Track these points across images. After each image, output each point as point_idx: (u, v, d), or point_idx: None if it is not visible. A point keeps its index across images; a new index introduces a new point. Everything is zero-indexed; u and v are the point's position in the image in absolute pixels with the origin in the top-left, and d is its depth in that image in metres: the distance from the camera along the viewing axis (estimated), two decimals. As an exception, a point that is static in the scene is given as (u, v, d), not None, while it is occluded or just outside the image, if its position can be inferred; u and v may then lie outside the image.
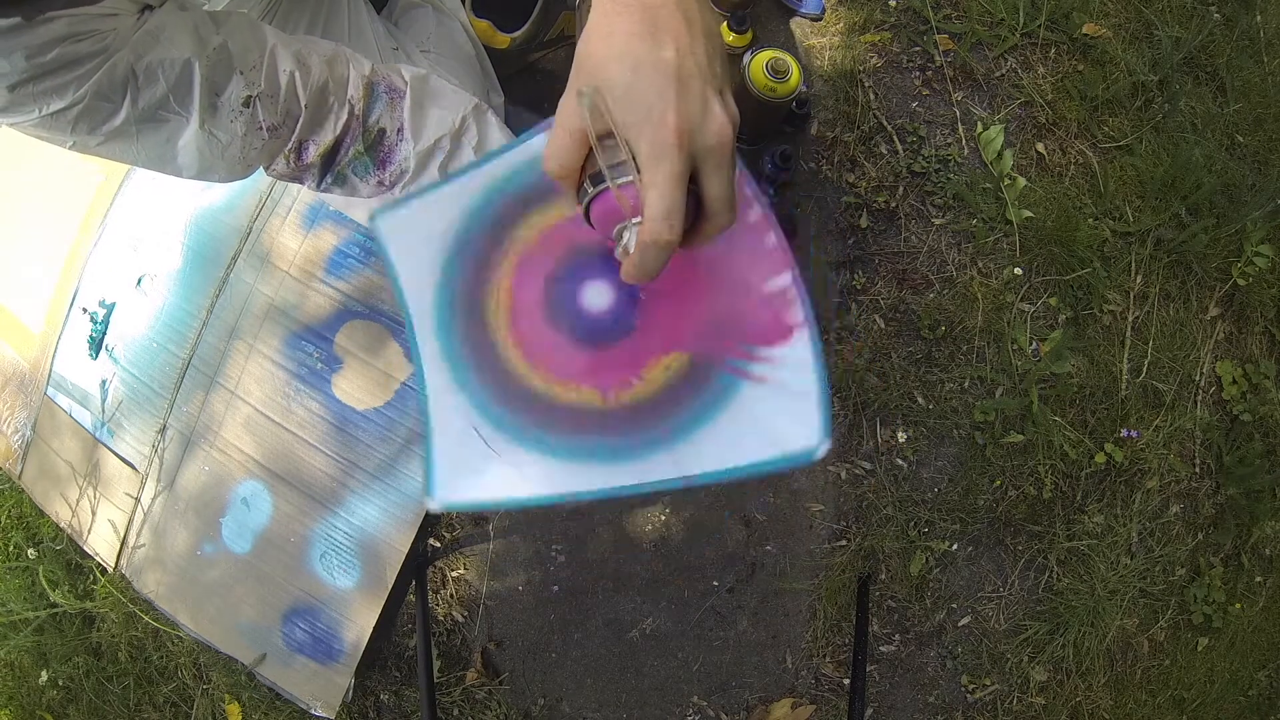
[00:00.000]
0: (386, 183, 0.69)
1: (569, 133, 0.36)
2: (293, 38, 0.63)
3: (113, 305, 1.07)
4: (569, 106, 0.36)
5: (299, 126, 0.61)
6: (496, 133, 0.74)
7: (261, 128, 0.59)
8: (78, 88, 0.50)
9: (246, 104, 0.58)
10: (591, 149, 0.36)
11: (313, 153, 0.63)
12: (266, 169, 0.64)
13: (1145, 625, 1.10)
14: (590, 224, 0.39)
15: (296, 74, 0.60)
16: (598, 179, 0.36)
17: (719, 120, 0.35)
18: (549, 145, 0.37)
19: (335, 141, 0.64)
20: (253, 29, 0.59)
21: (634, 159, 0.35)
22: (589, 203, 0.38)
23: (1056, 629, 1.06)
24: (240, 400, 1.02)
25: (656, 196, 0.34)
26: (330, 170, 0.66)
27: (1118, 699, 1.10)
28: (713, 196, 0.36)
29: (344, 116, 0.63)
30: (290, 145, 0.62)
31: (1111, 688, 1.10)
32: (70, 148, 0.55)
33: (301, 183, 0.66)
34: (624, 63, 0.34)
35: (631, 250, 0.36)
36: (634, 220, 0.36)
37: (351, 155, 0.66)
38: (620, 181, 0.35)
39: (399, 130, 0.67)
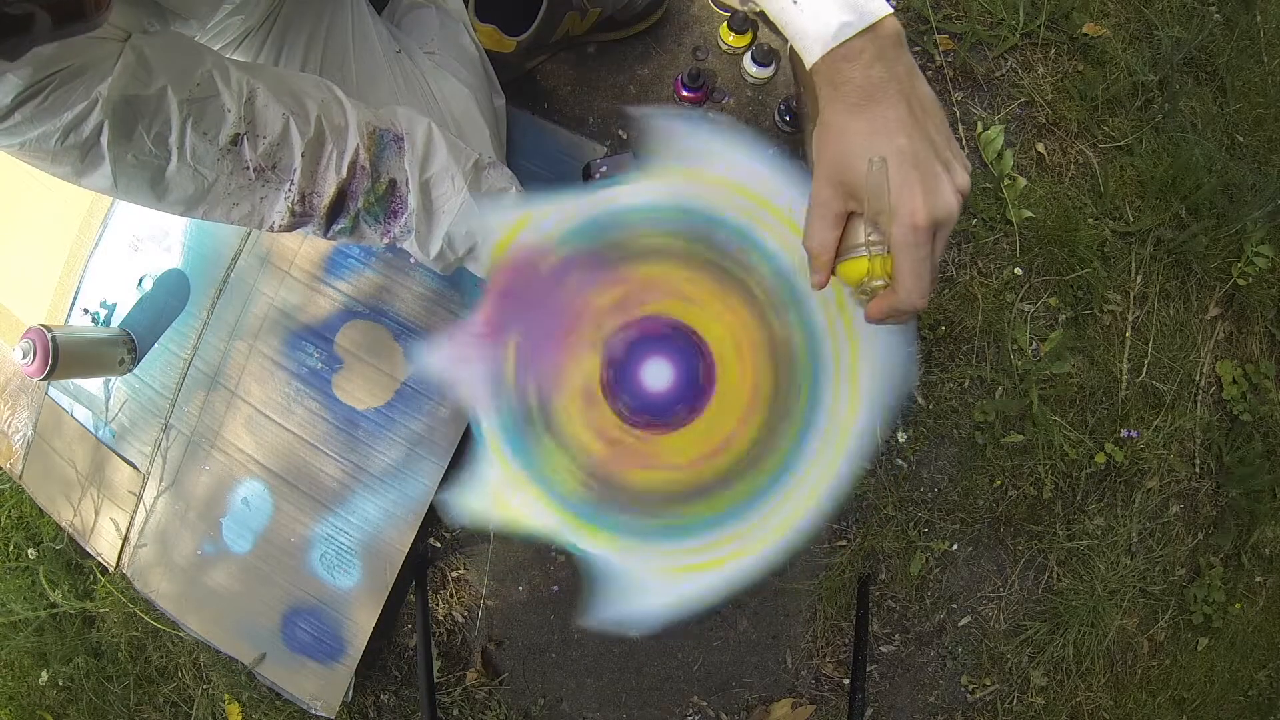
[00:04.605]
0: (394, 235, 0.67)
1: (828, 216, 0.44)
2: (276, 73, 0.61)
3: (114, 305, 1.07)
4: (823, 196, 0.43)
5: (297, 175, 0.60)
6: (499, 184, 0.73)
7: (249, 168, 0.58)
8: (55, 118, 0.48)
9: (234, 142, 0.56)
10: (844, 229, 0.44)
11: (318, 204, 0.62)
12: (264, 223, 0.61)
13: (1145, 625, 1.10)
14: (833, 273, 0.46)
15: (293, 119, 0.58)
16: (849, 249, 0.45)
17: (951, 200, 0.41)
18: (808, 226, 0.45)
19: (340, 191, 0.62)
20: (190, 50, 0.56)
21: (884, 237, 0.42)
22: (840, 260, 0.46)
23: (1056, 629, 1.06)
24: (241, 400, 1.02)
25: (913, 278, 0.41)
26: (339, 218, 0.64)
27: (1118, 699, 1.10)
28: (934, 264, 0.42)
29: (345, 164, 0.62)
30: (292, 196, 0.60)
31: (1111, 688, 1.10)
32: (56, 175, 0.54)
33: (307, 230, 0.65)
34: (858, 164, 0.40)
35: (878, 294, 0.44)
36: (877, 280, 0.44)
37: (363, 205, 0.64)
38: (875, 253, 0.43)
39: (407, 182, 0.65)
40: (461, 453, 0.96)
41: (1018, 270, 1.05)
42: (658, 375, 0.49)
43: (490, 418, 0.51)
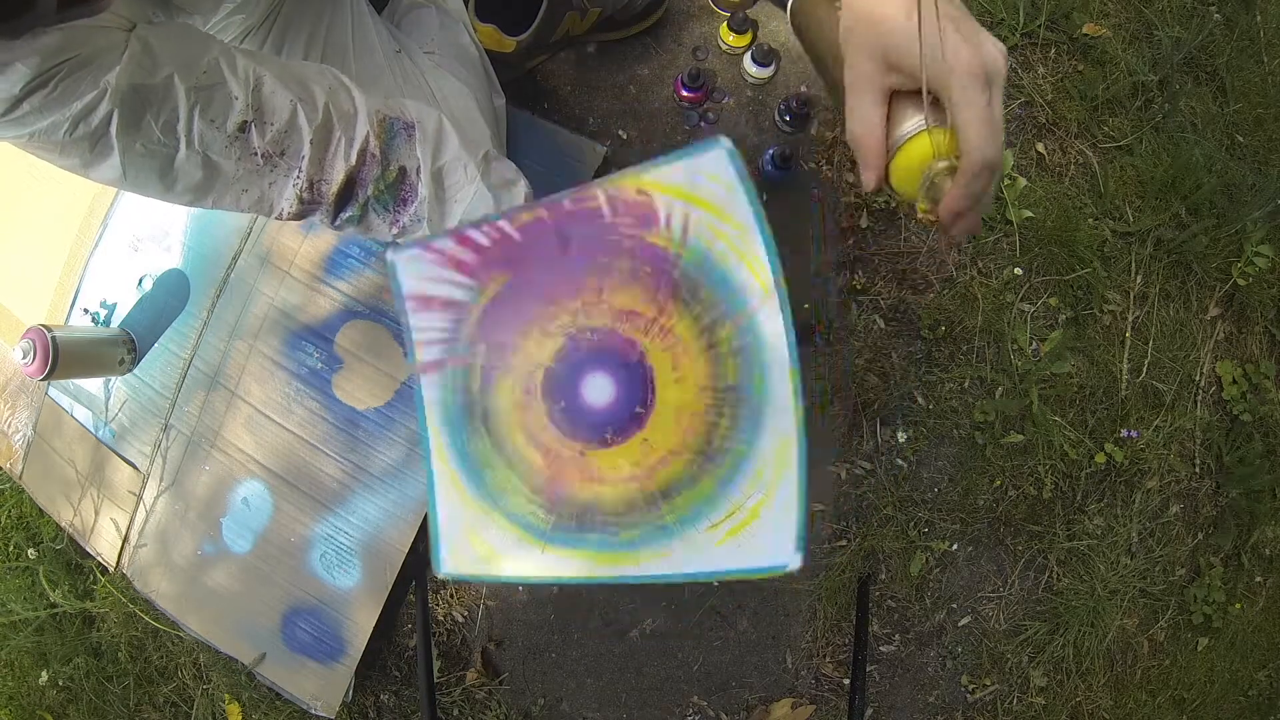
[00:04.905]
0: (404, 224, 0.67)
1: (871, 92, 0.40)
2: (281, 62, 0.61)
3: (114, 305, 1.07)
4: (862, 71, 0.40)
5: (305, 162, 0.60)
6: (506, 176, 0.73)
7: (256, 154, 0.58)
8: (63, 108, 0.48)
9: (242, 129, 0.56)
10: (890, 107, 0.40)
11: (327, 191, 0.62)
12: (274, 210, 0.61)
13: (1145, 625, 1.10)
14: (887, 183, 0.42)
15: (300, 105, 0.58)
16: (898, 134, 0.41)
17: (997, 54, 0.39)
18: (849, 110, 0.40)
19: (348, 178, 0.62)
20: (195, 39, 0.56)
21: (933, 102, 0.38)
22: (891, 159, 0.41)
23: (1056, 629, 1.06)
24: (241, 400, 1.02)
25: (980, 124, 0.38)
26: (348, 205, 0.64)
27: (1118, 699, 1.10)
28: (998, 116, 0.39)
29: (355, 151, 0.62)
30: (301, 183, 0.60)
31: (1111, 688, 1.10)
32: (64, 167, 0.54)
33: (314, 219, 0.64)
34: (898, 23, 0.38)
35: (945, 190, 0.40)
36: (941, 162, 0.40)
37: (372, 193, 0.64)
38: (933, 126, 0.39)
39: (418, 170, 0.65)
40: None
41: (1018, 270, 1.05)
42: (598, 390, 0.48)
43: (432, 388, 0.48)
